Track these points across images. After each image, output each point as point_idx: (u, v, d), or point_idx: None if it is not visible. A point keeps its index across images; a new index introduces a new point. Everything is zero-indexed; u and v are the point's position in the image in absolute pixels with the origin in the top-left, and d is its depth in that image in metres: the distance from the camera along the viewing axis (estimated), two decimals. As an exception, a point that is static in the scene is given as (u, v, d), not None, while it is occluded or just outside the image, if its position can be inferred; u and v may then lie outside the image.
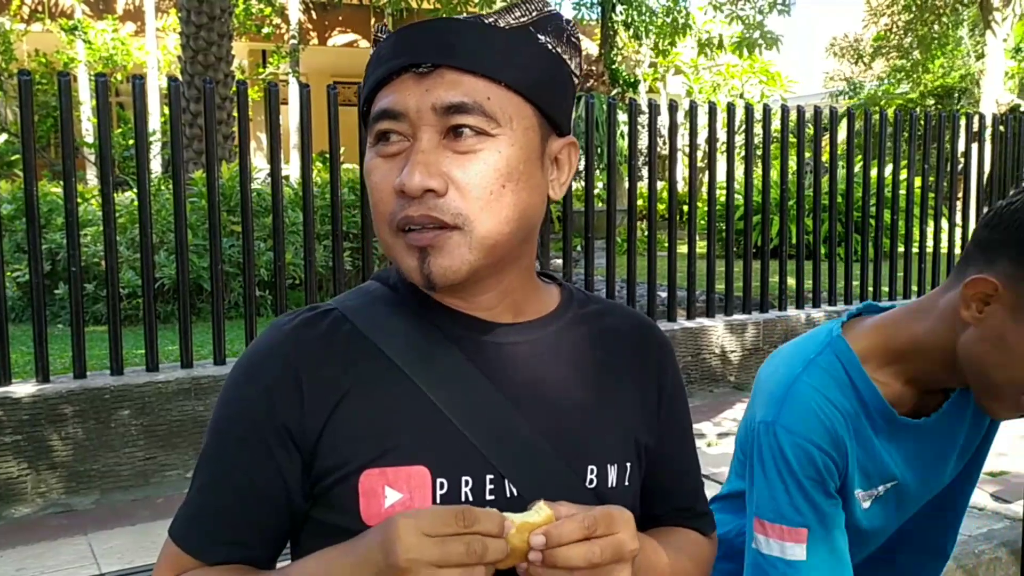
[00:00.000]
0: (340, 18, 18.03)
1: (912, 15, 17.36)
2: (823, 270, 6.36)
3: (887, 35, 18.74)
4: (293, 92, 14.51)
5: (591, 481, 0.93)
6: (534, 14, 0.90)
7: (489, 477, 0.88)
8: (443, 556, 0.73)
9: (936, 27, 17.49)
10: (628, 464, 0.96)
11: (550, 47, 0.91)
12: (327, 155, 9.08)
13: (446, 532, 0.74)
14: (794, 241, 6.29)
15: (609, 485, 0.94)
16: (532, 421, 0.91)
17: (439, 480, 0.87)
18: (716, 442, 4.68)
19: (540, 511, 0.79)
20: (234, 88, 9.14)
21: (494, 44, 0.88)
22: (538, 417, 0.92)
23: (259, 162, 13.43)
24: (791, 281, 6.38)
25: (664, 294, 5.98)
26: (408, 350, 0.92)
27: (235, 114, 9.33)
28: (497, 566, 0.77)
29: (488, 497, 0.88)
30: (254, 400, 0.91)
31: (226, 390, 0.95)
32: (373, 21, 18.00)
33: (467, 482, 0.87)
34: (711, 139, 5.79)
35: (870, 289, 6.68)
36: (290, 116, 14.53)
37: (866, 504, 1.26)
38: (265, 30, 16.39)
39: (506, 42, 0.88)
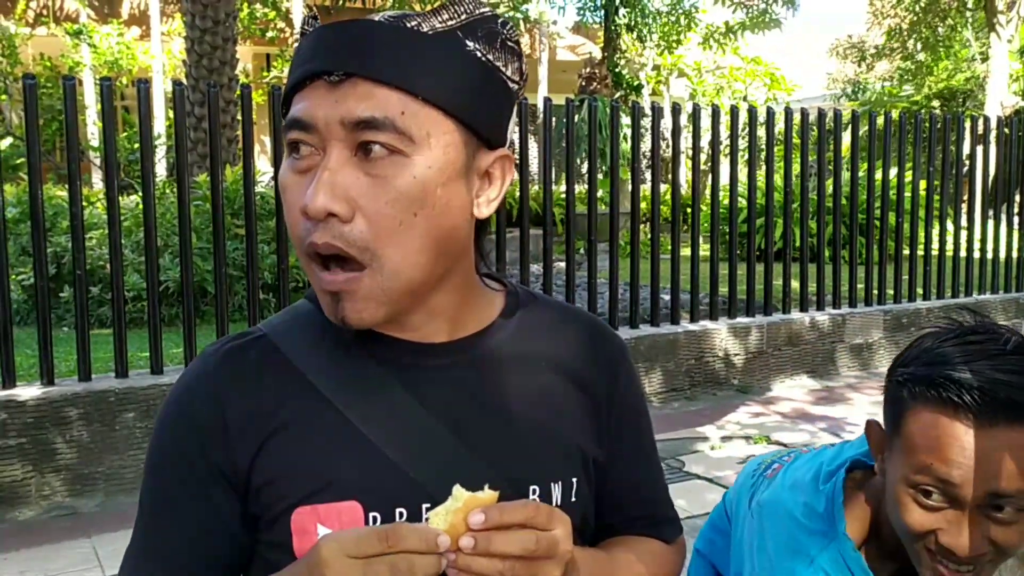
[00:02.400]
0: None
1: (917, 17, 17.35)
2: (827, 273, 6.36)
3: (892, 37, 18.71)
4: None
5: (535, 500, 0.89)
6: (463, 17, 0.82)
7: (425, 506, 0.83)
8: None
9: (941, 29, 17.49)
10: (574, 479, 0.92)
11: (479, 54, 0.83)
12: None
13: (370, 553, 0.71)
14: (798, 244, 6.28)
15: (554, 503, 0.89)
16: (470, 444, 0.87)
17: (371, 514, 0.84)
18: (720, 445, 4.68)
19: (460, 495, 0.75)
20: (238, 92, 9.17)
21: (414, 52, 0.80)
22: (477, 439, 0.88)
23: (263, 165, 13.45)
24: (795, 284, 6.37)
25: (667, 297, 5.98)
26: (339, 381, 0.87)
27: (239, 117, 9.36)
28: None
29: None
30: (185, 439, 0.89)
31: (158, 428, 0.92)
32: (377, 24, 18.00)
33: (401, 514, 0.84)
34: (714, 142, 5.80)
35: (875, 292, 6.68)
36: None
37: None
38: (269, 34, 16.41)
39: (429, 49, 0.80)
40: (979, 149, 7.23)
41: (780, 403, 5.60)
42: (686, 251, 5.99)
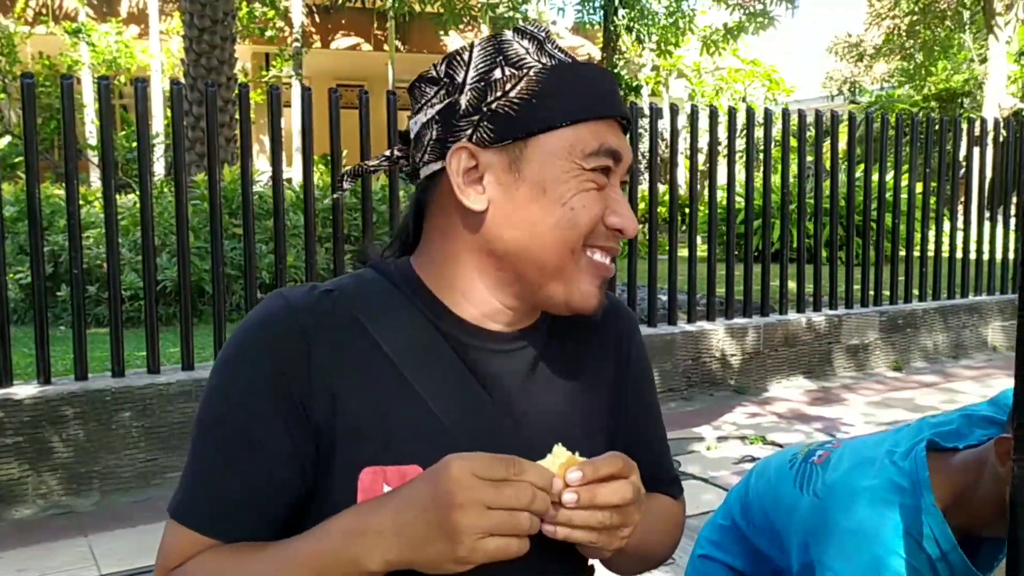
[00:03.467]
0: (343, 21, 18.05)
1: (915, 18, 17.36)
2: (824, 274, 6.37)
3: (890, 38, 18.72)
4: (296, 95, 14.51)
5: None
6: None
7: None
8: (495, 498, 0.77)
9: (940, 31, 17.49)
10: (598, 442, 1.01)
11: None
12: (329, 158, 9.10)
13: (497, 477, 0.77)
14: (795, 245, 6.29)
15: None
16: (517, 425, 0.95)
17: None
18: (716, 446, 4.68)
19: (560, 454, 0.84)
20: (236, 91, 9.17)
21: None
22: (523, 421, 0.96)
23: (262, 164, 13.45)
24: (792, 285, 6.38)
25: (664, 297, 5.99)
26: (406, 349, 0.94)
27: (237, 117, 9.36)
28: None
29: None
30: (267, 367, 0.90)
31: (233, 359, 0.93)
32: (375, 24, 18.01)
33: None
34: (711, 143, 5.81)
35: (871, 293, 6.69)
36: (293, 119, 14.56)
37: None
38: (268, 33, 16.41)
39: None
40: (976, 151, 7.24)
41: (776, 404, 5.61)
42: (684, 252, 6.00)
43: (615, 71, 13.84)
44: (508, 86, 0.92)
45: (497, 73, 0.93)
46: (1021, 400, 0.87)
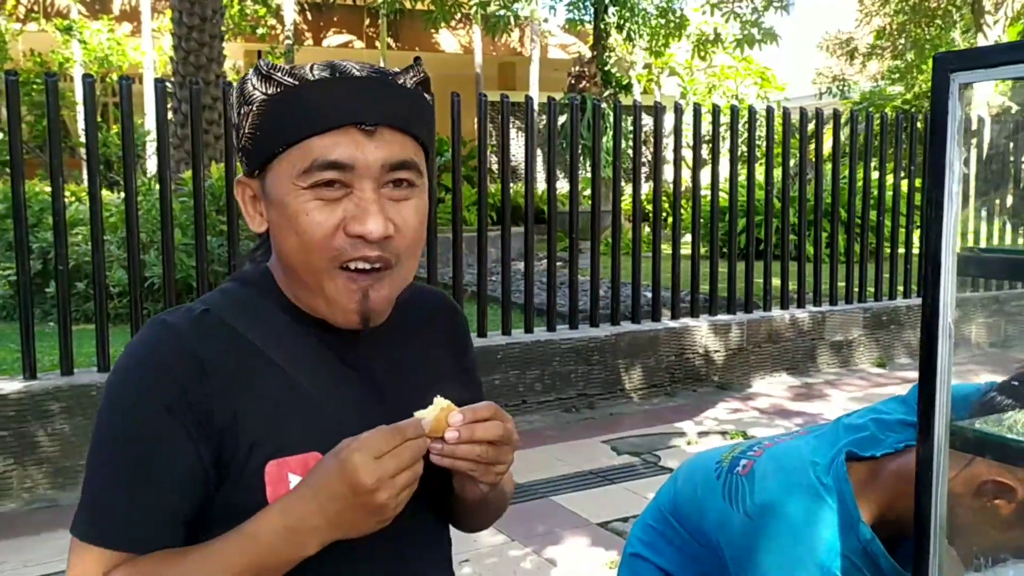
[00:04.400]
0: (335, 19, 18.06)
1: (905, 17, 17.41)
2: (808, 271, 6.42)
3: (881, 36, 18.77)
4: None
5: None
6: (421, 75, 1.02)
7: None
8: (396, 467, 0.89)
9: (930, 29, 17.54)
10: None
11: (430, 103, 1.05)
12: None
13: (388, 448, 0.89)
14: (779, 242, 6.34)
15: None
16: (394, 402, 1.04)
17: None
18: (696, 441, 4.73)
19: (440, 403, 0.96)
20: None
21: (411, 105, 1.00)
22: (398, 398, 1.06)
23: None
24: (776, 282, 6.42)
25: (649, 295, 6.03)
26: (282, 349, 1.02)
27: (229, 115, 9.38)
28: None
29: None
30: (162, 384, 0.95)
31: (125, 379, 0.98)
32: (367, 22, 18.02)
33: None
34: (696, 140, 5.85)
35: (855, 290, 6.73)
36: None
37: None
38: (260, 31, 16.41)
39: (415, 102, 1.01)
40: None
41: (759, 399, 5.65)
42: (668, 249, 6.03)
43: (605, 69, 13.87)
44: (244, 123, 1.00)
45: (240, 111, 1.01)
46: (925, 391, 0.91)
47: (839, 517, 1.33)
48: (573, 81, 14.29)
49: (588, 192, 9.71)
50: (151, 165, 11.51)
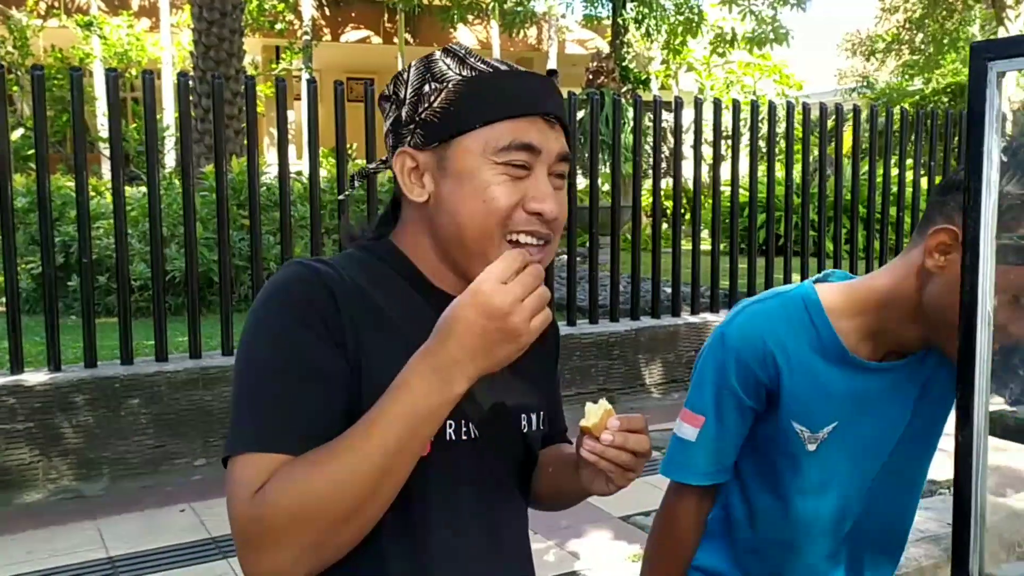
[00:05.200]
0: (353, 14, 18.10)
1: (924, 11, 17.30)
2: (828, 267, 6.38)
3: (900, 32, 18.66)
4: (305, 88, 14.59)
5: (524, 426, 1.19)
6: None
7: (462, 422, 1.09)
8: (524, 289, 0.94)
9: (948, 24, 17.42)
10: (542, 412, 1.22)
11: None
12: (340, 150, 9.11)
13: (516, 271, 0.95)
14: (797, 238, 6.31)
15: (533, 428, 1.20)
16: (498, 379, 1.06)
17: (448, 421, 1.06)
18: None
19: (605, 404, 1.06)
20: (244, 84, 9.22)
21: (564, 106, 1.16)
22: (502, 376, 1.06)
23: (271, 157, 13.52)
24: (796, 278, 6.39)
25: (669, 290, 6.02)
26: (402, 313, 1.09)
27: (245, 109, 9.43)
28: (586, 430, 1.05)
29: (463, 436, 1.10)
30: (309, 310, 1.01)
31: (271, 309, 1.03)
32: (385, 17, 18.05)
33: (450, 425, 1.07)
34: (715, 135, 5.83)
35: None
36: (303, 112, 14.63)
37: (812, 447, 1.36)
38: (278, 26, 16.47)
39: (564, 105, 1.17)
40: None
41: (778, 395, 5.64)
42: (688, 245, 6.03)
43: (623, 64, 13.84)
44: (432, 98, 1.09)
45: (426, 88, 1.10)
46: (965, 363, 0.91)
47: (794, 310, 1.36)
48: (591, 77, 14.27)
49: (607, 187, 9.71)
50: (169, 160, 11.58)
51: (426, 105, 1.09)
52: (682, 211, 6.58)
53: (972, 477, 0.91)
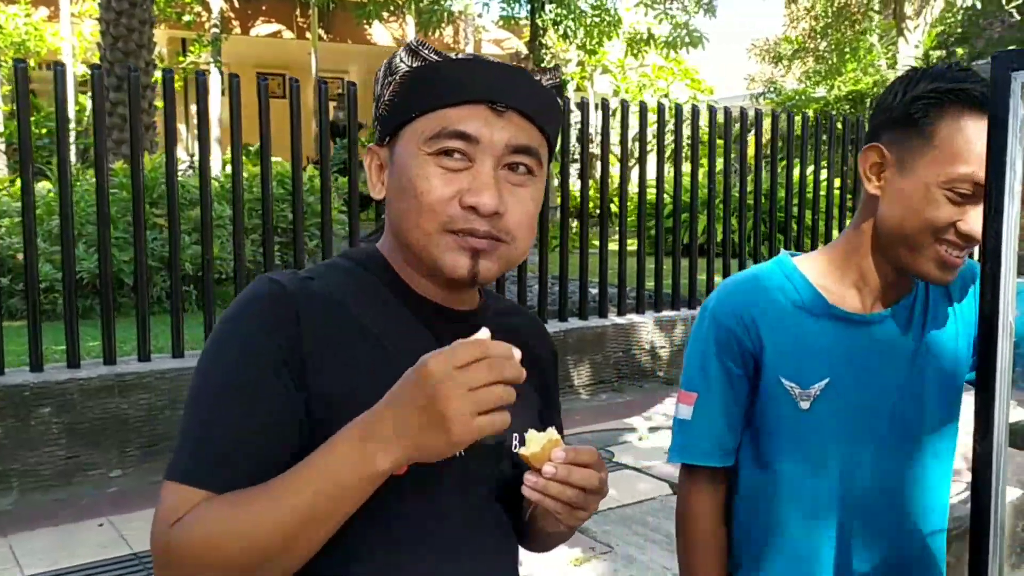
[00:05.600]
0: (263, 7, 17.66)
1: (827, 21, 17.90)
2: (748, 266, 6.52)
3: (804, 40, 19.28)
4: (214, 83, 14.12)
5: (514, 445, 1.11)
6: (557, 80, 1.10)
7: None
8: (472, 379, 0.86)
9: (849, 33, 18.05)
10: (534, 430, 1.15)
11: (561, 106, 1.12)
12: (249, 148, 8.86)
13: (470, 359, 0.86)
14: (719, 239, 6.43)
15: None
16: None
17: None
18: (647, 436, 4.76)
19: (552, 434, 0.98)
20: (156, 77, 8.85)
21: (544, 99, 1.06)
22: None
23: (180, 154, 13.07)
24: (718, 279, 6.51)
25: (595, 291, 6.05)
26: (382, 324, 1.05)
27: (157, 103, 9.07)
28: (526, 460, 0.96)
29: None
30: (265, 335, 0.98)
31: (226, 330, 1.00)
32: (298, 12, 17.68)
33: None
34: (623, 138, 5.87)
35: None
36: (210, 107, 14.18)
37: (804, 404, 1.34)
38: (186, 18, 15.95)
39: (549, 100, 1.07)
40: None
41: (703, 395, 5.72)
42: (615, 246, 6.06)
43: (541, 66, 13.88)
44: (386, 93, 1.07)
45: (383, 84, 1.08)
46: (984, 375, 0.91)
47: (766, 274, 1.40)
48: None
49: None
50: (71, 155, 11.07)
51: (382, 101, 1.08)
52: (610, 212, 6.62)
53: (992, 487, 0.90)
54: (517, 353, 0.90)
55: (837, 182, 7.10)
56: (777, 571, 1.39)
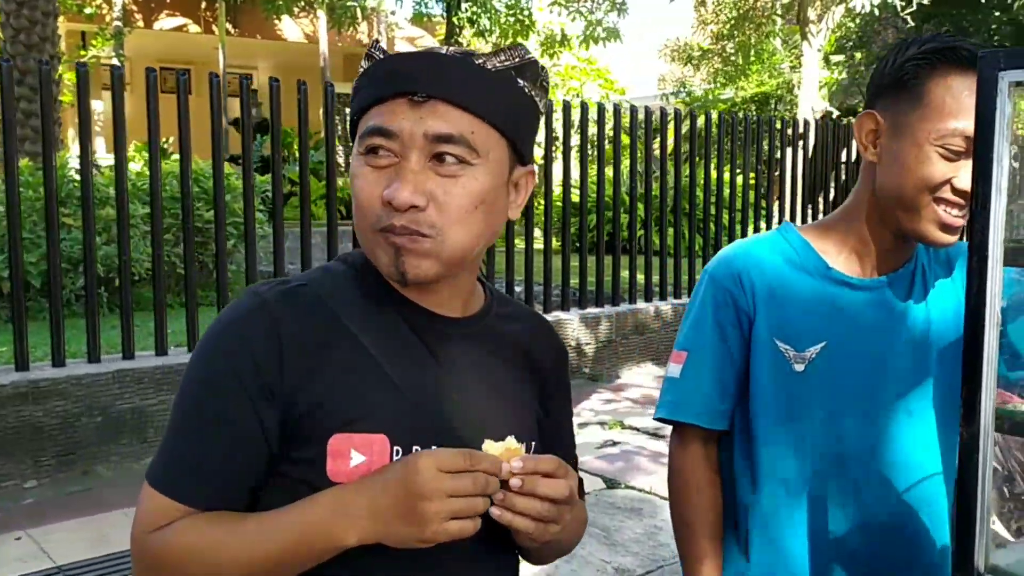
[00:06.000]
0: (168, 1, 17.13)
1: (733, 25, 18.38)
2: (669, 266, 6.65)
3: (712, 42, 19.75)
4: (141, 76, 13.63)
5: None
6: (516, 60, 1.04)
7: (433, 447, 0.98)
8: (455, 487, 0.90)
9: (754, 37, 18.59)
10: (533, 442, 1.12)
11: (527, 90, 1.05)
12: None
13: (457, 469, 0.90)
14: (633, 236, 6.53)
15: None
16: (469, 401, 1.07)
17: (395, 447, 1.00)
18: (577, 431, 4.79)
19: (511, 443, 0.96)
20: (60, 70, 8.48)
21: (481, 83, 1.01)
22: (474, 398, 1.07)
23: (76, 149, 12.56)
24: (640, 277, 6.61)
25: (520, 289, 6.07)
26: (373, 332, 1.04)
27: (61, 98, 8.70)
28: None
29: None
30: (238, 355, 0.98)
31: (208, 346, 1.02)
32: (203, 5, 17.20)
33: (416, 450, 0.99)
34: (547, 138, 5.92)
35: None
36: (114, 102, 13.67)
37: (799, 367, 1.33)
38: (88, 10, 15.33)
39: (491, 83, 1.01)
40: (790, 149, 7.77)
41: (630, 389, 5.81)
42: (539, 244, 6.10)
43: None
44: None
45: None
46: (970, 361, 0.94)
47: (766, 241, 1.43)
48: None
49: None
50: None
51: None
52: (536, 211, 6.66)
53: (978, 474, 0.94)
54: (505, 467, 0.93)
55: (743, 179, 7.29)
56: (771, 536, 1.37)
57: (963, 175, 1.25)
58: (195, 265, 4.86)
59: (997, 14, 14.06)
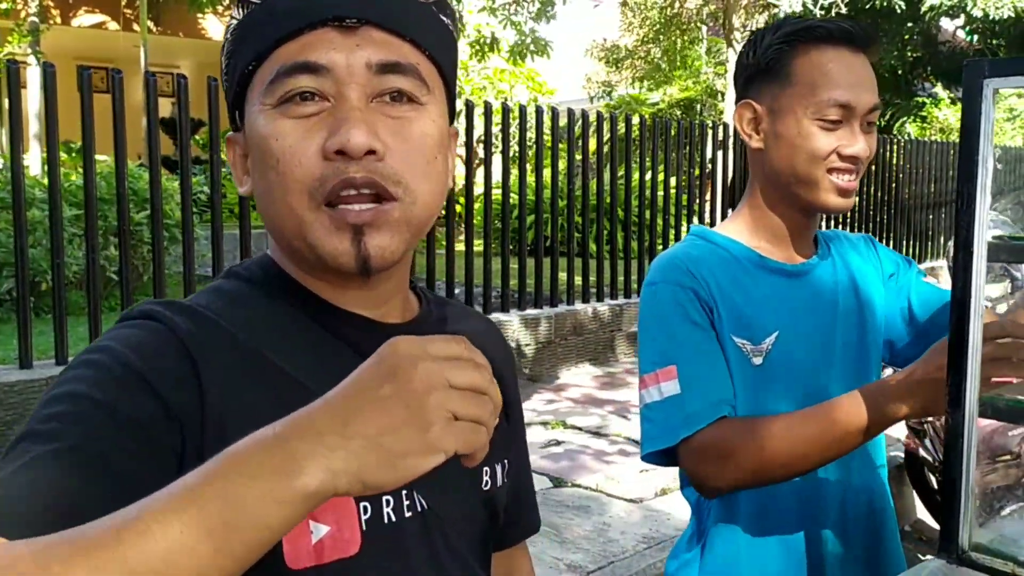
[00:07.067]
0: (86, -3, 16.63)
1: (658, 30, 18.71)
2: (605, 267, 6.75)
3: (637, 47, 20.03)
4: (32, 75, 13.13)
5: (486, 483, 0.91)
6: None
7: (403, 493, 0.81)
8: (457, 376, 0.61)
9: (679, 42, 18.97)
10: (507, 460, 0.95)
11: (451, 29, 0.87)
12: (71, 144, 8.29)
13: (454, 355, 0.62)
14: (571, 239, 6.62)
15: (497, 484, 0.92)
16: None
17: (362, 504, 0.78)
18: (522, 432, 4.84)
19: None
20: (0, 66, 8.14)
21: (419, 12, 0.82)
22: None
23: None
24: (575, 278, 6.69)
25: (459, 291, 6.08)
26: (298, 356, 0.80)
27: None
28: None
29: (406, 514, 0.81)
30: (136, 379, 0.72)
31: (67, 376, 0.73)
32: (124, 2, 16.73)
33: (388, 502, 0.80)
34: (467, 140, 5.95)
35: (635, 285, 7.16)
36: (29, 101, 13.17)
37: (757, 360, 1.34)
38: (3, 6, 14.76)
39: (427, 13, 0.83)
40: (720, 153, 7.97)
41: (569, 389, 5.87)
42: (473, 247, 6.12)
43: None
44: (223, 61, 0.84)
45: (223, 54, 0.85)
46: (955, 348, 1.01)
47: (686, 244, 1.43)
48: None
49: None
50: None
51: (223, 74, 0.84)
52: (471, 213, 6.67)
53: (962, 457, 1.00)
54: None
55: (673, 181, 7.44)
56: (739, 526, 1.39)
57: (847, 141, 1.31)
58: (129, 268, 4.73)
59: (910, 24, 14.66)
